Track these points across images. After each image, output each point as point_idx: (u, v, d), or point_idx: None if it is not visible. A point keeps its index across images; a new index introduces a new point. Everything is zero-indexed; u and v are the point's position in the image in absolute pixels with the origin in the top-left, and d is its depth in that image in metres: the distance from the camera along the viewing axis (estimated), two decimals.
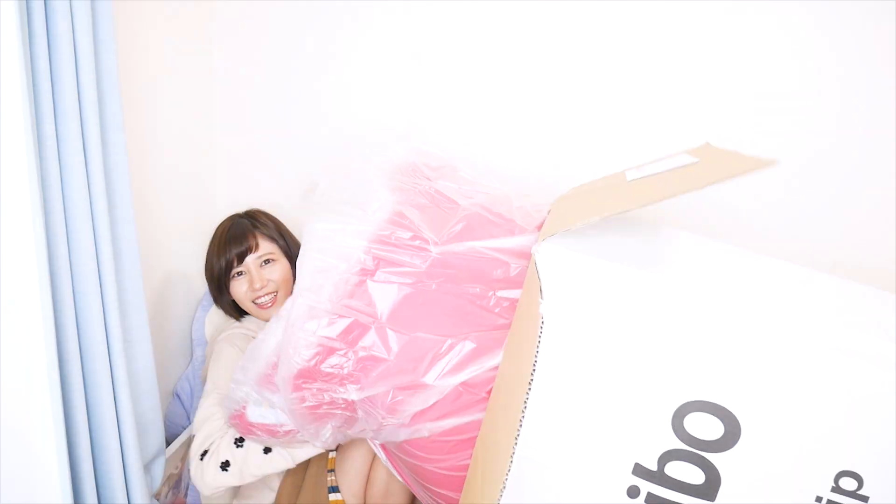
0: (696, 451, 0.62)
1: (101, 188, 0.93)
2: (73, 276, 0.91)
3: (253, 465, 1.07)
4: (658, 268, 0.66)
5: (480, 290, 0.89)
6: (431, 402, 0.87)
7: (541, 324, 0.62)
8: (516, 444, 0.64)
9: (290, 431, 1.02)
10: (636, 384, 0.62)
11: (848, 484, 0.60)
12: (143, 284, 1.07)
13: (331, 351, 0.89)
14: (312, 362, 0.89)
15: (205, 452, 1.08)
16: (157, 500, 1.21)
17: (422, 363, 0.87)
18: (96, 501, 0.97)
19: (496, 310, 0.89)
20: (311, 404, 0.92)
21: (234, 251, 1.27)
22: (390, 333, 0.88)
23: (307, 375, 0.90)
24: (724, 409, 0.61)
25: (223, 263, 1.28)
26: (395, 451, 1.01)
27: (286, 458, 1.09)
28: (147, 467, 1.15)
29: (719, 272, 0.71)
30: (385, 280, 0.88)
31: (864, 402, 0.59)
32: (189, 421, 1.42)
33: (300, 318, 0.89)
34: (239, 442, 1.08)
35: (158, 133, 1.33)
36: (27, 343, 0.83)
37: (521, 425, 0.64)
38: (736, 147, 1.28)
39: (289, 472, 1.22)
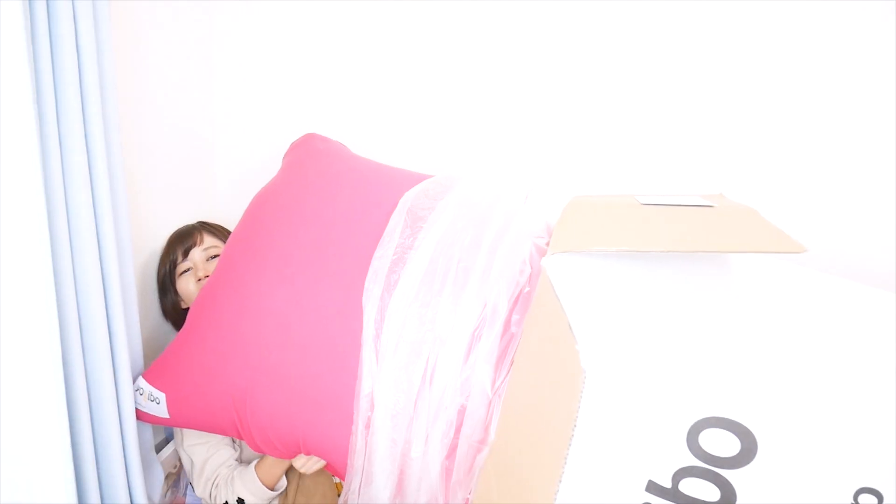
0: (711, 467, 0.60)
1: (104, 188, 0.94)
2: (75, 275, 0.91)
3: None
4: (671, 284, 0.64)
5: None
6: None
7: (583, 379, 0.60)
8: (564, 468, 0.63)
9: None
10: (651, 401, 0.60)
11: (868, 500, 0.59)
12: (139, 284, 1.07)
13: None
14: None
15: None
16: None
17: None
18: (99, 500, 0.97)
19: None
20: None
21: (180, 248, 1.26)
22: None
23: None
24: (740, 424, 0.59)
25: (169, 262, 1.27)
26: None
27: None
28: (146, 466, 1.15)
29: (733, 284, 0.69)
30: None
31: (884, 417, 0.57)
32: None
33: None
34: None
35: (158, 133, 1.32)
36: (31, 341, 0.83)
37: (565, 465, 0.63)
38: (736, 147, 1.28)
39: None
